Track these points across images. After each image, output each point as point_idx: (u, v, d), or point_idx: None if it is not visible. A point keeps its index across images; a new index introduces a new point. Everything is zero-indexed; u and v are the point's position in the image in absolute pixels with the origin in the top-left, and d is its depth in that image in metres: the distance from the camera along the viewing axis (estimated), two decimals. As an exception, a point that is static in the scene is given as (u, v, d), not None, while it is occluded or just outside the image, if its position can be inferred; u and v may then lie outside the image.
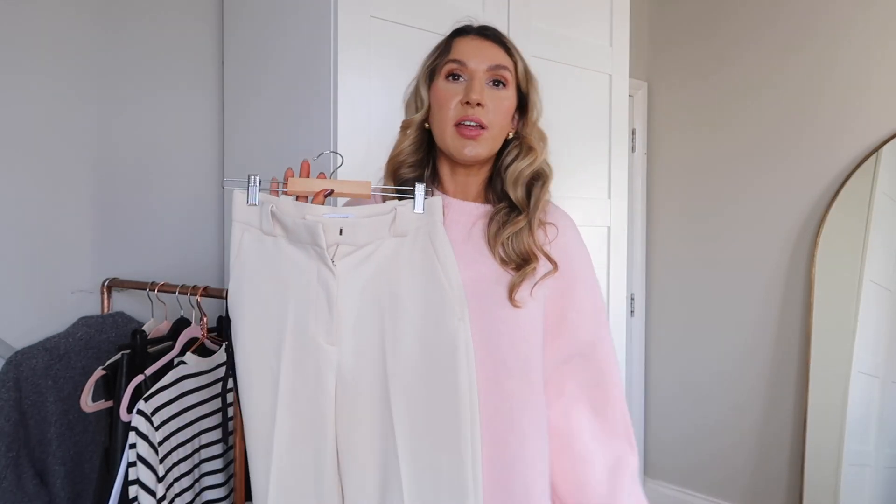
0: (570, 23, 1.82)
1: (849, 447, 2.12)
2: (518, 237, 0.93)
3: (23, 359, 1.33)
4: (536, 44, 1.72)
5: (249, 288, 0.87)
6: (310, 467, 0.86)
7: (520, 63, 1.00)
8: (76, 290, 1.52)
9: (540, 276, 0.93)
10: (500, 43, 0.99)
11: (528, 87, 1.01)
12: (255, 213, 0.88)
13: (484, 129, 0.93)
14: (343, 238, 0.85)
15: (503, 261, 0.93)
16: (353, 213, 0.87)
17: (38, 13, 1.46)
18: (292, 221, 0.86)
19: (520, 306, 0.91)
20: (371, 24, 1.39)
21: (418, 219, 0.89)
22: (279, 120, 1.53)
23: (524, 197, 0.96)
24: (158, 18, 1.65)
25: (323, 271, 0.86)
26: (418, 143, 0.98)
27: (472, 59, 0.95)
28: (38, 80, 1.47)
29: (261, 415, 0.86)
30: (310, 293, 0.86)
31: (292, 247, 0.87)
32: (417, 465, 0.85)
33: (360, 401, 0.86)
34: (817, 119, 2.29)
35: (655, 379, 2.76)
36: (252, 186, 0.87)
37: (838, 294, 2.19)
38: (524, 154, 0.97)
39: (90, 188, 1.55)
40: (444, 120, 0.93)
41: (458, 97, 0.93)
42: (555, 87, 1.78)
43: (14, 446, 1.31)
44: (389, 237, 0.88)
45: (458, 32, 1.01)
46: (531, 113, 1.00)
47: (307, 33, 1.43)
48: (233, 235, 0.88)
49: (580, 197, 1.86)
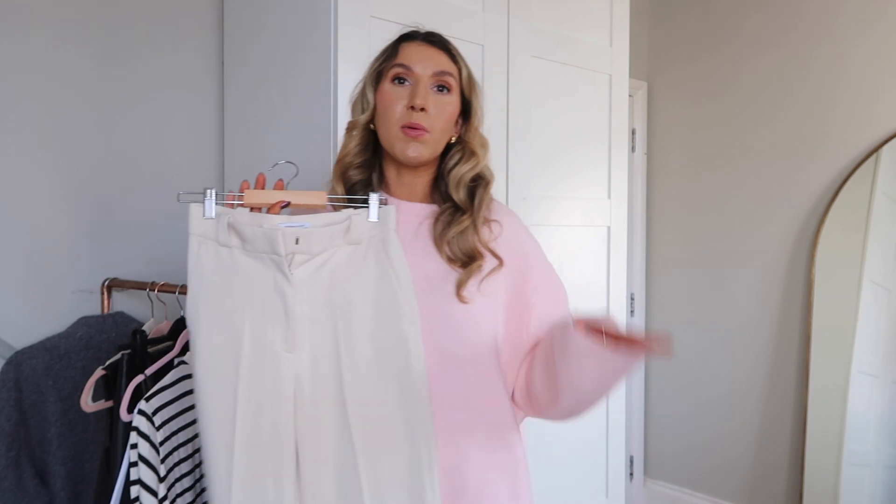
0: (571, 23, 1.82)
1: (849, 447, 2.12)
2: (463, 236, 0.97)
3: (23, 359, 1.33)
4: (536, 44, 1.72)
5: (205, 299, 0.89)
6: (269, 473, 0.88)
7: (464, 70, 1.03)
8: (76, 290, 1.52)
9: (486, 272, 0.97)
10: (445, 50, 1.02)
11: (472, 94, 1.04)
12: (211, 226, 0.90)
13: (427, 133, 0.96)
14: (299, 247, 0.88)
15: (450, 259, 0.97)
16: (309, 222, 0.89)
17: (39, 14, 1.46)
18: (251, 231, 0.88)
19: (467, 301, 0.94)
20: (371, 24, 1.39)
21: (372, 227, 0.92)
22: (279, 120, 1.53)
23: (467, 198, 1.00)
24: (159, 19, 1.65)
25: (279, 280, 0.88)
26: (364, 144, 1.02)
27: (417, 64, 0.98)
28: (38, 80, 1.47)
29: (220, 422, 0.87)
30: (266, 302, 0.89)
31: (247, 257, 0.90)
32: (375, 466, 0.87)
33: (319, 405, 0.88)
34: (817, 119, 2.29)
35: (655, 379, 2.76)
36: (208, 199, 0.90)
37: (838, 294, 2.20)
38: (466, 158, 1.01)
39: (90, 188, 1.55)
40: (390, 122, 0.97)
41: (404, 101, 0.96)
42: (555, 87, 1.78)
43: (14, 446, 1.31)
44: (344, 245, 0.91)
45: (405, 38, 1.03)
46: (474, 118, 1.04)
47: (307, 33, 1.43)
48: (189, 248, 0.90)
49: (580, 197, 1.87)
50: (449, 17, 1.54)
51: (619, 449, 1.99)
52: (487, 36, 1.61)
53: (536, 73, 1.73)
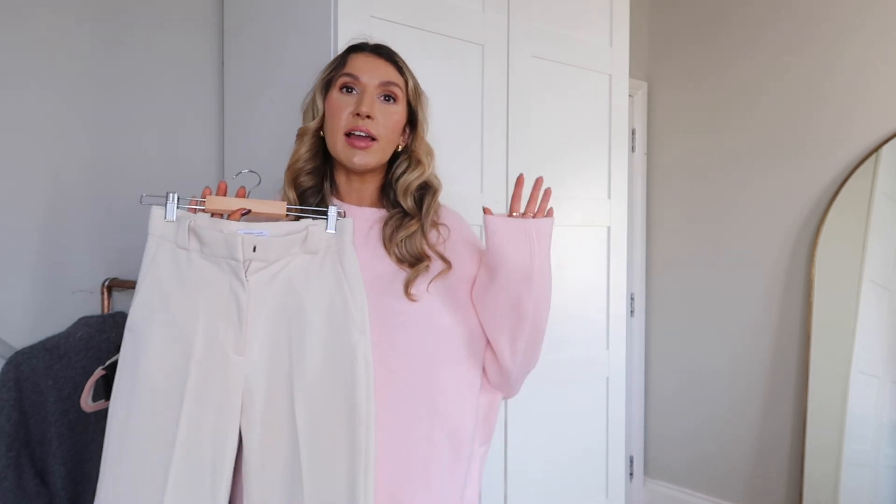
0: (571, 23, 1.82)
1: (849, 447, 2.12)
2: (411, 240, 1.02)
3: (23, 359, 1.33)
4: (537, 44, 1.72)
5: (160, 299, 0.91)
6: (207, 471, 0.90)
7: (410, 81, 1.07)
8: (76, 290, 1.52)
9: (435, 272, 1.02)
10: (392, 61, 1.06)
11: (417, 104, 1.08)
12: (171, 229, 0.93)
13: (374, 141, 1.01)
14: (256, 255, 0.91)
15: (399, 259, 1.01)
16: (267, 230, 0.92)
17: (40, 16, 1.46)
18: (210, 235, 0.91)
19: (415, 300, 0.99)
20: (371, 24, 1.39)
21: (329, 238, 0.95)
22: (279, 121, 1.53)
23: (414, 205, 1.05)
24: (159, 20, 1.65)
25: (235, 285, 0.91)
26: (314, 150, 1.06)
27: (364, 73, 1.02)
28: (38, 80, 1.47)
29: (161, 419, 0.89)
30: (220, 305, 0.91)
31: (205, 261, 0.92)
32: (317, 470, 0.90)
33: (269, 409, 0.91)
34: (817, 119, 2.29)
35: (655, 379, 2.76)
36: (170, 203, 0.93)
37: (838, 294, 2.20)
38: (413, 167, 1.06)
39: (90, 188, 1.55)
40: (336, 129, 1.01)
41: (350, 108, 1.01)
42: (555, 87, 1.78)
43: (14, 446, 1.31)
44: (301, 253, 0.94)
45: (354, 49, 1.07)
46: (419, 128, 1.08)
47: (307, 34, 1.43)
48: (147, 249, 0.92)
49: (580, 197, 1.87)
50: (449, 16, 1.54)
51: (619, 449, 1.99)
52: (487, 36, 1.61)
53: (536, 72, 1.73)
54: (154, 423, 0.89)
